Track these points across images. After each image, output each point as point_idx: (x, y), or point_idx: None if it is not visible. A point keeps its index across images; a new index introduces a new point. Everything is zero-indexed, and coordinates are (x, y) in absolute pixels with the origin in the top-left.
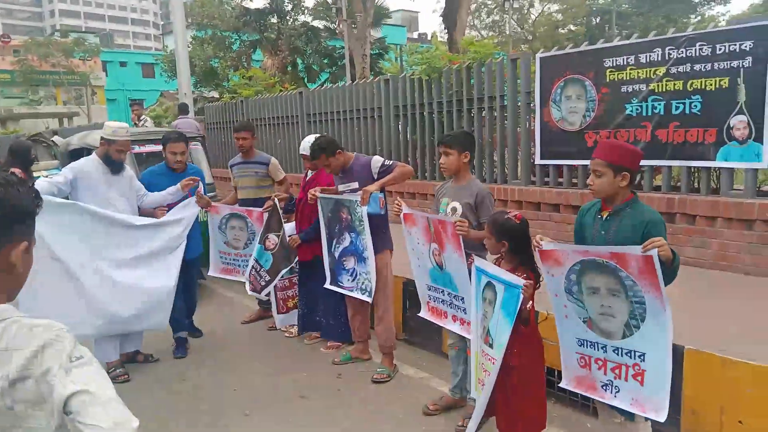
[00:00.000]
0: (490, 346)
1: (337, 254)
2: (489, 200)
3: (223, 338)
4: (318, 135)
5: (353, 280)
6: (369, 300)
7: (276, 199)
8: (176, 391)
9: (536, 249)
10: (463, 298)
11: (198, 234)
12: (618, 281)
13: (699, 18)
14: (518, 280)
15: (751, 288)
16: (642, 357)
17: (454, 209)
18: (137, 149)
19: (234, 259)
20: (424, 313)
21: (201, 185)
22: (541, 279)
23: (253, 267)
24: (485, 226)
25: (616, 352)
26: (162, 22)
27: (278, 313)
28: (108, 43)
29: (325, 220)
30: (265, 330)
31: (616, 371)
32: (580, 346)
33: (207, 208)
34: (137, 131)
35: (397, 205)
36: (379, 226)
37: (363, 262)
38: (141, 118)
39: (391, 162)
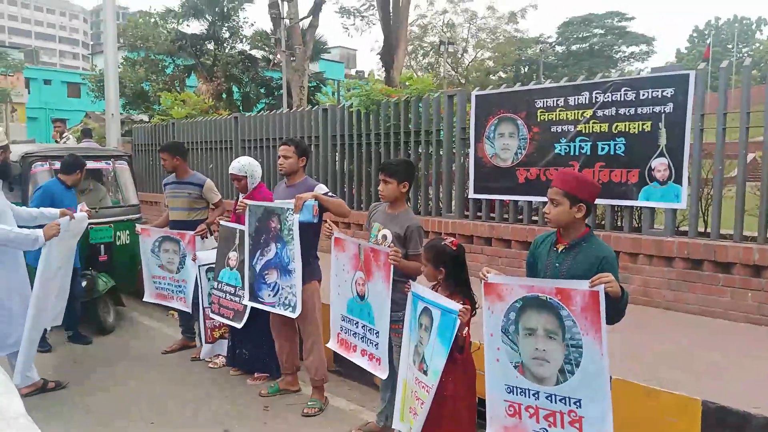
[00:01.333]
0: (425, 373)
1: (258, 267)
2: (418, 234)
3: (141, 368)
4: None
5: (275, 294)
6: (294, 315)
7: (219, 220)
8: (89, 423)
9: (482, 281)
10: (378, 332)
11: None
12: (557, 321)
13: (620, 72)
14: (455, 305)
15: (671, 322)
16: (578, 403)
17: (384, 237)
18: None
19: (168, 284)
20: (332, 344)
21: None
22: (477, 306)
23: (227, 293)
24: (423, 253)
25: (549, 399)
26: (92, 42)
27: (205, 342)
28: (33, 60)
29: (251, 230)
30: (188, 360)
31: (550, 419)
32: (509, 393)
33: (137, 231)
34: (57, 147)
35: (328, 227)
36: (306, 253)
37: (287, 275)
38: (63, 135)
39: (335, 195)
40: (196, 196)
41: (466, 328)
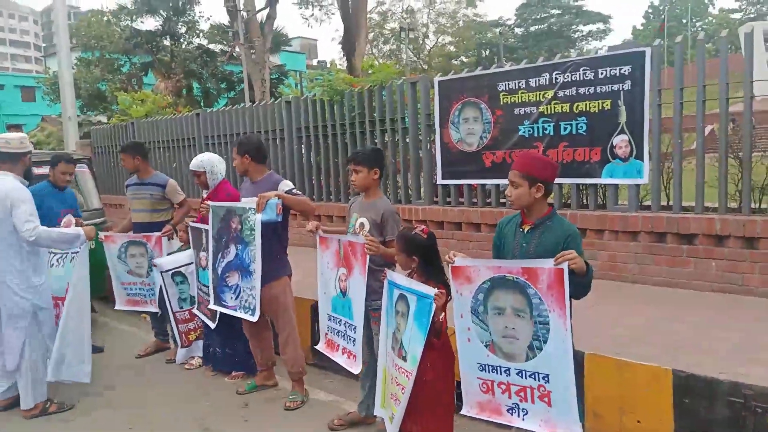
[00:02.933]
0: (404, 359)
1: (220, 270)
2: (393, 219)
3: (116, 372)
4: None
5: (236, 297)
6: (253, 319)
7: (187, 222)
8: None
9: (449, 264)
10: (355, 328)
11: None
12: (525, 300)
13: (578, 52)
14: (430, 290)
15: (638, 295)
16: (546, 378)
17: (362, 225)
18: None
19: (140, 289)
20: (320, 346)
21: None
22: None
23: (205, 294)
24: (395, 243)
25: (520, 374)
26: (44, 44)
27: (181, 347)
28: None
29: (214, 231)
30: (163, 363)
31: (521, 394)
32: (482, 371)
33: (101, 239)
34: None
35: (314, 225)
36: (274, 250)
37: (248, 277)
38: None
39: (300, 193)
40: (158, 196)
41: (443, 312)
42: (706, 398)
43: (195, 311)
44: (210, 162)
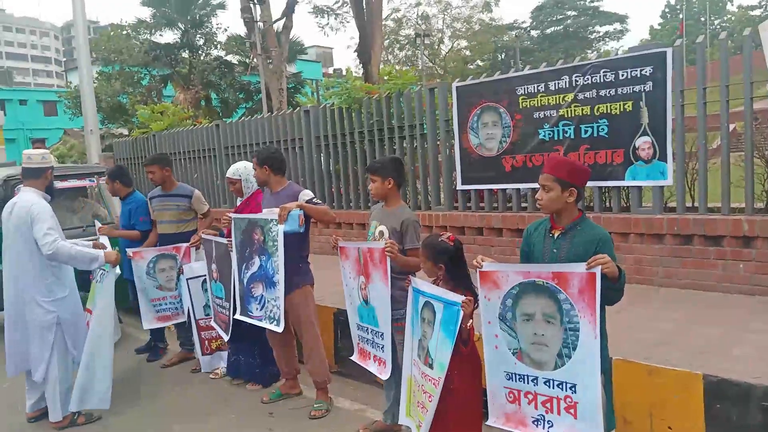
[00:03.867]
0: (431, 366)
1: (245, 281)
2: (414, 228)
3: (143, 385)
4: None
5: (261, 308)
6: (279, 330)
7: (203, 234)
8: None
9: (477, 270)
10: (382, 334)
11: None
12: (555, 305)
13: (595, 53)
14: (457, 297)
15: (666, 298)
16: (573, 388)
17: (381, 233)
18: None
19: (170, 303)
20: (355, 357)
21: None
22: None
23: (218, 306)
24: (420, 251)
25: (547, 384)
26: (64, 59)
27: (203, 354)
28: (6, 81)
29: (237, 243)
30: (188, 373)
31: (548, 405)
32: (509, 380)
33: (129, 256)
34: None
35: (334, 239)
36: (297, 259)
37: (272, 288)
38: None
39: (321, 202)
40: (184, 207)
41: (470, 319)
42: (738, 403)
43: (212, 323)
44: (246, 170)
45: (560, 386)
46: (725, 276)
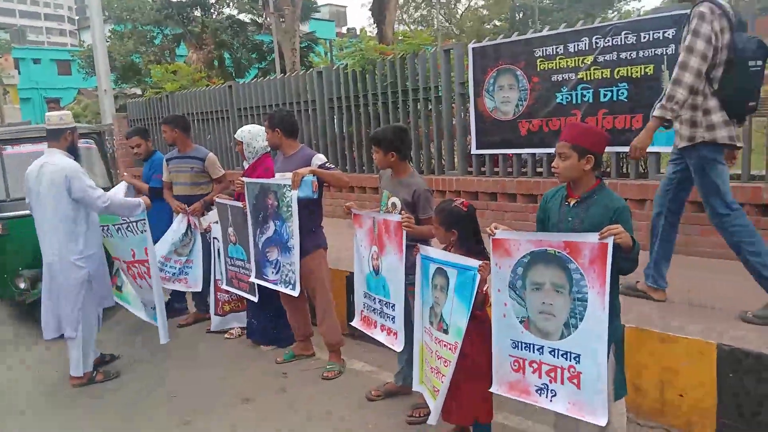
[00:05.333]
0: (445, 332)
1: (261, 245)
2: (426, 197)
3: (158, 344)
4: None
5: (277, 272)
6: (295, 294)
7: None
8: (109, 402)
9: (490, 236)
10: (394, 305)
11: None
12: (565, 275)
13: (616, 13)
14: (473, 262)
15: (683, 266)
16: (577, 359)
17: (394, 204)
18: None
19: (171, 267)
20: (356, 323)
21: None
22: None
23: (240, 267)
24: (433, 217)
25: (553, 353)
26: (77, 17)
27: (215, 314)
28: (20, 40)
29: (251, 207)
30: (204, 333)
31: (552, 374)
32: (514, 348)
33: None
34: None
35: (347, 207)
36: (310, 223)
37: (287, 252)
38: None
39: (334, 166)
40: (198, 169)
41: (486, 284)
42: (752, 373)
43: (226, 287)
44: (250, 134)
45: (564, 356)
46: None
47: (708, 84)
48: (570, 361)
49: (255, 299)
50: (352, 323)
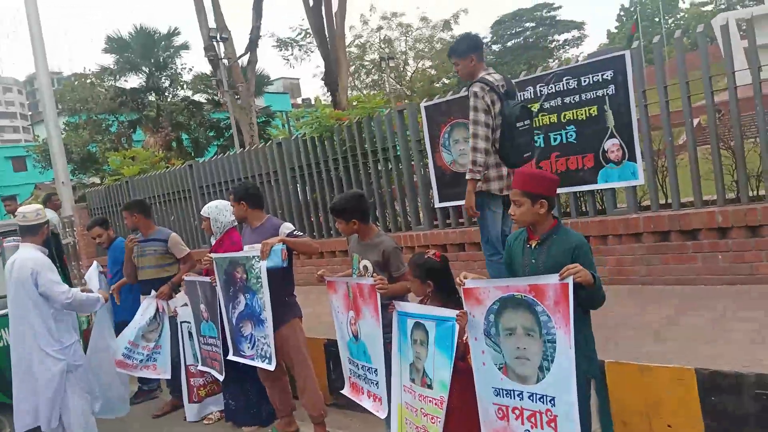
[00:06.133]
0: (429, 387)
1: (234, 320)
2: (395, 255)
3: None
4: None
5: (252, 347)
6: (271, 367)
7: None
8: None
9: (460, 287)
10: (376, 370)
11: None
12: (534, 318)
13: (557, 61)
14: (450, 312)
15: (649, 297)
16: (552, 401)
17: (365, 267)
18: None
19: (139, 353)
20: (345, 391)
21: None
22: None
23: (212, 346)
24: (407, 272)
25: (531, 398)
26: (30, 112)
27: (189, 402)
28: None
29: (221, 283)
30: (182, 420)
31: (532, 419)
32: (497, 396)
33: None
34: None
35: (319, 275)
36: (282, 294)
37: (261, 325)
38: (16, 213)
39: (302, 234)
40: (162, 251)
41: (465, 334)
42: (733, 393)
43: (200, 368)
44: (216, 210)
45: (542, 400)
46: (705, 268)
47: (492, 144)
48: (546, 404)
49: (221, 378)
50: (343, 392)
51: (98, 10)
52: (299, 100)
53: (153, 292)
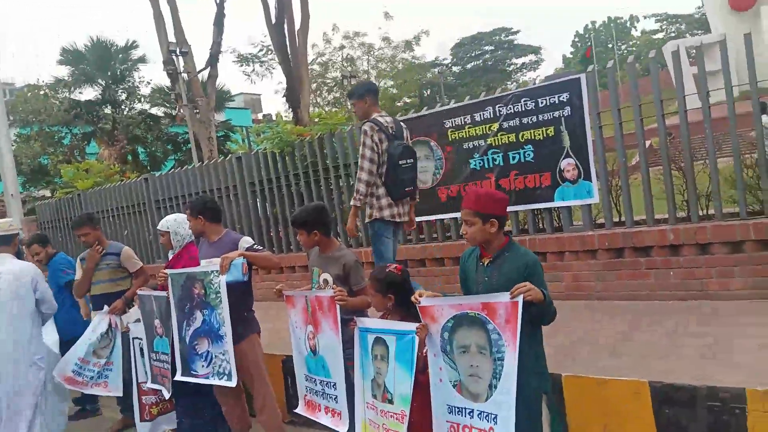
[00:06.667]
0: (390, 402)
1: (188, 339)
2: (356, 268)
3: None
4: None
5: (208, 365)
6: (232, 384)
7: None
8: None
9: (417, 305)
10: (335, 384)
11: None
12: (485, 336)
13: (515, 83)
14: (409, 326)
15: (604, 312)
16: (495, 419)
17: (326, 281)
18: None
19: (90, 370)
20: (300, 409)
21: None
22: None
23: (164, 363)
24: (367, 286)
25: (480, 416)
26: None
27: (141, 421)
28: None
29: (175, 300)
30: None
31: None
32: (450, 413)
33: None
34: None
35: (277, 289)
36: (241, 309)
37: (219, 341)
38: None
39: (262, 248)
40: (114, 265)
41: (425, 347)
42: (685, 406)
43: (149, 385)
44: (175, 223)
45: (487, 418)
46: (658, 284)
47: (379, 178)
48: (490, 422)
49: (167, 395)
50: (296, 410)
51: (54, 21)
52: (260, 116)
53: (105, 308)
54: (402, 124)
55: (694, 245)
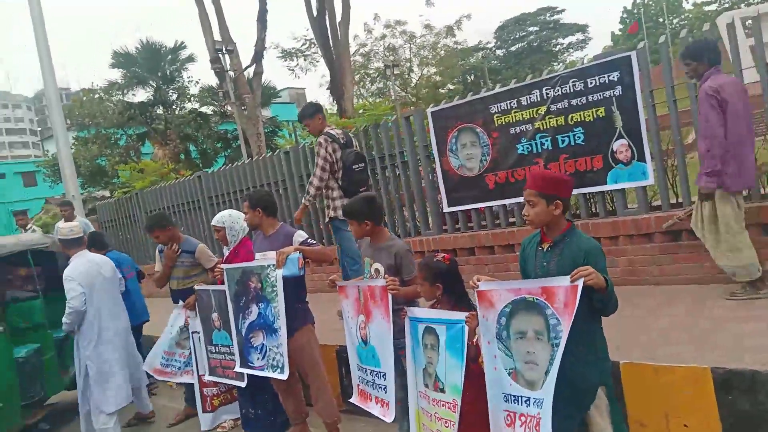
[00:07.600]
0: (442, 391)
1: (244, 332)
2: (407, 257)
3: None
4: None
5: (263, 357)
6: (283, 377)
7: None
8: None
9: (474, 289)
10: (384, 374)
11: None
12: (543, 321)
13: (562, 64)
14: (459, 315)
15: (662, 297)
16: (542, 404)
17: (377, 270)
18: None
19: (177, 360)
20: (354, 398)
21: None
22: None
23: (225, 354)
24: (417, 273)
25: (535, 404)
26: (39, 128)
27: (203, 411)
28: None
29: (231, 294)
30: (197, 430)
31: (530, 425)
32: (506, 401)
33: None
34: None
35: (330, 280)
36: (295, 301)
37: (274, 335)
38: (27, 227)
39: (315, 242)
40: (189, 263)
41: (476, 336)
42: (749, 392)
43: (208, 377)
44: (230, 219)
45: (536, 404)
46: (716, 267)
47: (336, 181)
48: (538, 407)
49: (243, 385)
50: (351, 400)
51: (105, 26)
52: None
53: (180, 302)
54: (350, 134)
55: (757, 224)
